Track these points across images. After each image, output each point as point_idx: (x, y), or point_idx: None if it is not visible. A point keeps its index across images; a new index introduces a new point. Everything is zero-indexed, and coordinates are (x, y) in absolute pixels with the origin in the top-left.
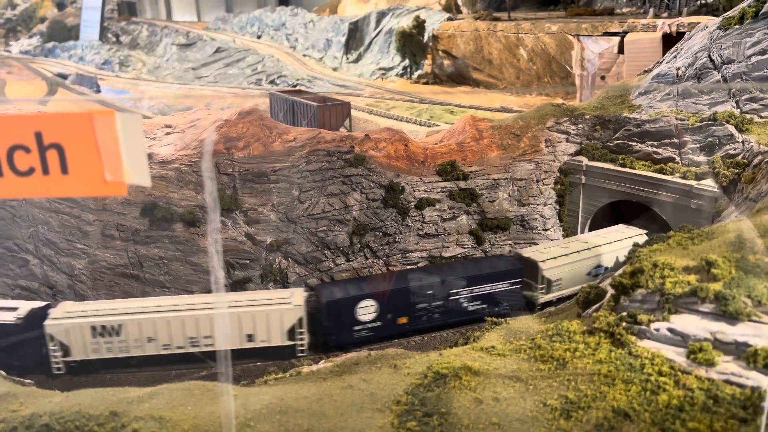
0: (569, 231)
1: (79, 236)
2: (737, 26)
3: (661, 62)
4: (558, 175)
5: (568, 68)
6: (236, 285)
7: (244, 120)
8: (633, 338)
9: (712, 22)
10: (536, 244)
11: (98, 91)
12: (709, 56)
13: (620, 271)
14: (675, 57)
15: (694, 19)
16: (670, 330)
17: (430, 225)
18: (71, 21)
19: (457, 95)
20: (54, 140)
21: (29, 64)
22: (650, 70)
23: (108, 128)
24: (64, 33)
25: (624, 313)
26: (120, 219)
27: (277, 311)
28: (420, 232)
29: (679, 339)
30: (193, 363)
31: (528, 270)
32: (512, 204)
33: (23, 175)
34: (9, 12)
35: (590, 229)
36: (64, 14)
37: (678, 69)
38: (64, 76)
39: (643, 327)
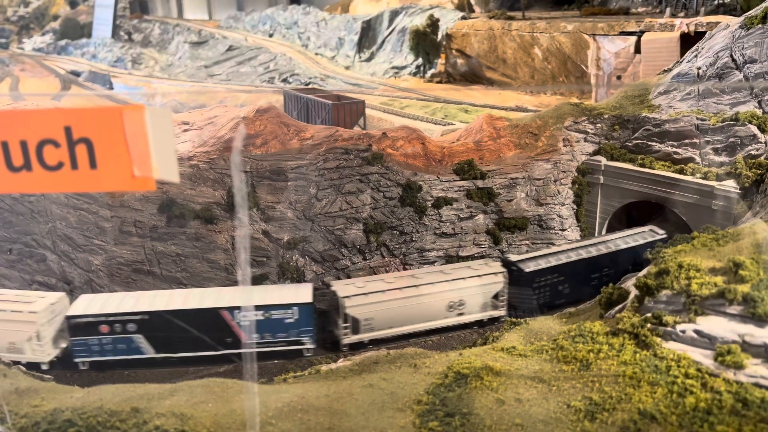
0: (587, 231)
1: (97, 232)
2: (760, 26)
3: (681, 61)
4: (576, 174)
5: (584, 68)
6: (252, 282)
7: (261, 117)
8: (658, 340)
9: (734, 21)
10: (554, 244)
11: (111, 88)
12: (731, 55)
13: (645, 272)
14: (696, 56)
15: (712, 18)
16: (697, 332)
17: (447, 224)
18: (84, 19)
19: (471, 94)
20: (83, 135)
21: (42, 61)
22: (670, 70)
23: (137, 123)
24: (76, 31)
25: (649, 315)
26: (137, 215)
27: None
28: (437, 231)
29: (706, 341)
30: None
31: None
32: (530, 203)
33: (52, 170)
34: (22, 9)
35: (608, 230)
36: (76, 12)
37: (699, 68)
38: (77, 74)
39: (669, 328)
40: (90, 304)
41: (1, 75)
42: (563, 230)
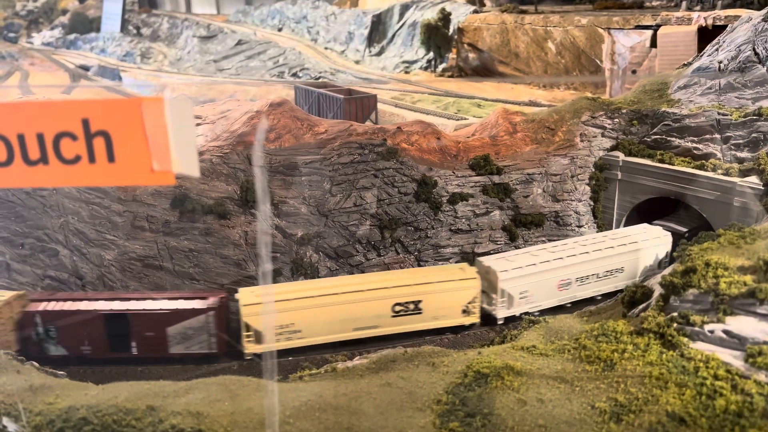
0: (604, 227)
1: (109, 227)
2: None
3: (702, 55)
4: (593, 170)
5: (598, 62)
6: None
7: (275, 111)
8: (685, 340)
9: (756, 14)
10: None
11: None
12: (754, 49)
13: (670, 270)
14: (717, 50)
15: (730, 12)
16: (726, 332)
17: (463, 220)
18: (92, 13)
19: (484, 88)
20: (101, 127)
21: (51, 55)
22: (690, 64)
23: (157, 115)
24: (85, 25)
25: (675, 314)
26: (150, 210)
27: None
28: (452, 228)
29: (736, 342)
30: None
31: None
32: (546, 200)
33: (69, 163)
34: (31, 4)
35: (625, 226)
36: (85, 6)
37: (720, 62)
38: (86, 68)
39: (696, 328)
40: None
41: (11, 69)
42: (580, 226)
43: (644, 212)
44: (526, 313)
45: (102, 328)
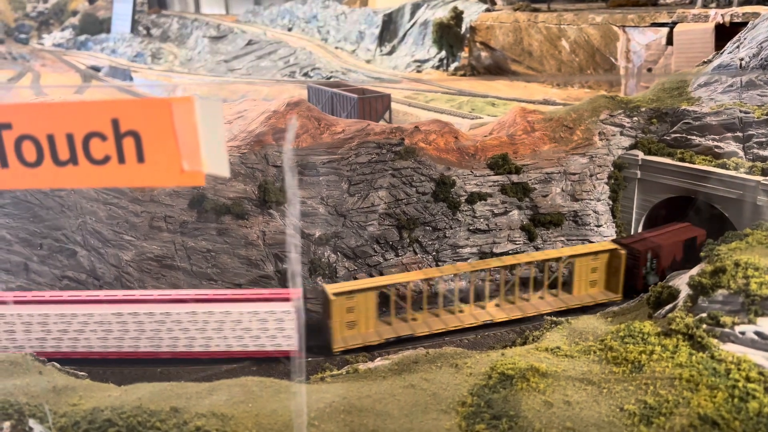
0: (623, 227)
1: (127, 227)
2: None
3: (722, 52)
4: (612, 169)
5: (613, 60)
6: (284, 278)
7: (292, 111)
8: (715, 341)
9: None
10: (589, 240)
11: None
12: None
13: (698, 270)
14: (738, 47)
15: (748, 9)
16: (758, 333)
17: (481, 220)
18: (103, 14)
19: (497, 87)
20: (131, 127)
21: (62, 56)
22: (710, 61)
23: (187, 115)
24: (95, 26)
25: (704, 315)
26: (167, 210)
27: None
28: (471, 227)
29: None
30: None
31: None
32: (565, 199)
33: (99, 164)
34: (41, 5)
35: (644, 226)
36: (95, 7)
37: (741, 59)
38: (97, 69)
39: (727, 330)
40: None
41: (22, 70)
42: (599, 226)
43: (662, 211)
44: None
45: (681, 252)
